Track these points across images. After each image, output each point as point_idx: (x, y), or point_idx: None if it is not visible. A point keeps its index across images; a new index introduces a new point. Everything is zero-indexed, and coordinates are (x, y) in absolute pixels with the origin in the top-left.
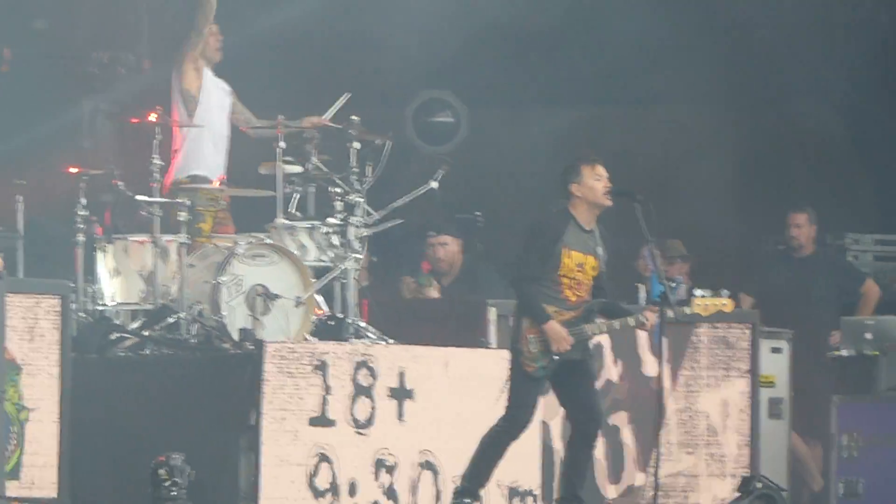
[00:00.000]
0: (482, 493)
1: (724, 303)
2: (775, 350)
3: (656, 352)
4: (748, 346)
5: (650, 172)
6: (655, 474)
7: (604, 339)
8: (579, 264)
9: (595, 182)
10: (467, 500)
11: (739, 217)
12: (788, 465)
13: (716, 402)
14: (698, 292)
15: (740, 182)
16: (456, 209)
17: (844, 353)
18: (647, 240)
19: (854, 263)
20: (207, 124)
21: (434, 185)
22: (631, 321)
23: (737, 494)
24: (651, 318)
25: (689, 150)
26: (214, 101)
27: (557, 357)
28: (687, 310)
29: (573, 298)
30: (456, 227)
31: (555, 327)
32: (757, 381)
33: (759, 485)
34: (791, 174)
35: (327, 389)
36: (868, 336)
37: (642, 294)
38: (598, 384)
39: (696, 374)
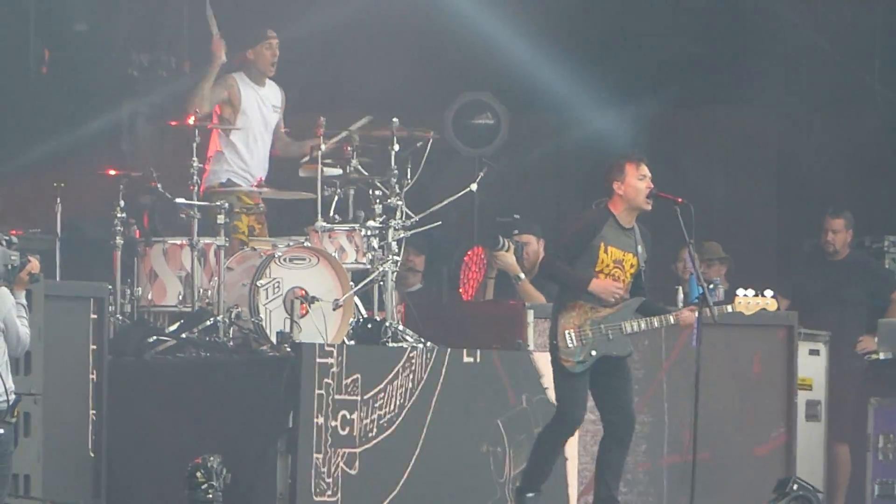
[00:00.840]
0: (543, 487)
1: (768, 302)
2: (813, 352)
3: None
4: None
5: (690, 174)
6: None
7: None
8: (617, 260)
9: (638, 182)
10: (530, 495)
11: (779, 219)
12: (825, 467)
13: None
14: (741, 291)
15: (780, 184)
16: (496, 212)
17: (882, 355)
18: (686, 242)
19: (887, 268)
20: (245, 131)
21: (474, 187)
22: (671, 318)
23: (773, 496)
24: (689, 317)
25: (729, 152)
26: (255, 113)
27: (595, 353)
28: (729, 308)
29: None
30: (539, 227)
31: (599, 282)
32: (794, 382)
33: (796, 486)
34: (830, 176)
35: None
36: None
37: (680, 296)
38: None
39: None
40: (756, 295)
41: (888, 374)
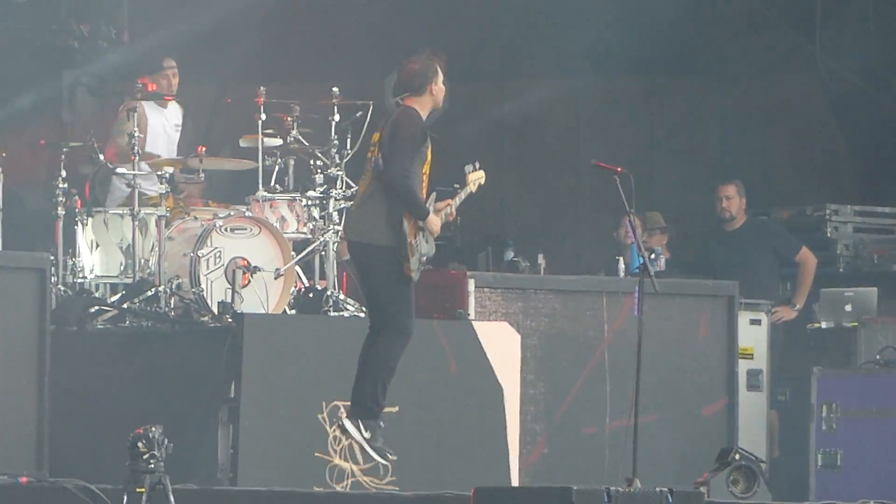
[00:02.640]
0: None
1: (482, 174)
2: (754, 322)
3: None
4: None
5: (632, 145)
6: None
7: None
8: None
9: (443, 85)
10: (375, 423)
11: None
12: (768, 436)
13: None
14: (468, 168)
15: (720, 153)
16: (435, 181)
17: (824, 325)
18: (627, 211)
19: (788, 232)
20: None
21: None
22: (462, 194)
23: (715, 465)
24: (451, 207)
25: (670, 123)
26: (160, 133)
27: (424, 259)
28: (464, 192)
29: (423, 196)
30: None
31: (435, 219)
32: (735, 352)
33: (738, 456)
34: (770, 145)
35: None
36: (847, 308)
37: (622, 265)
38: None
39: None
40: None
41: (830, 344)
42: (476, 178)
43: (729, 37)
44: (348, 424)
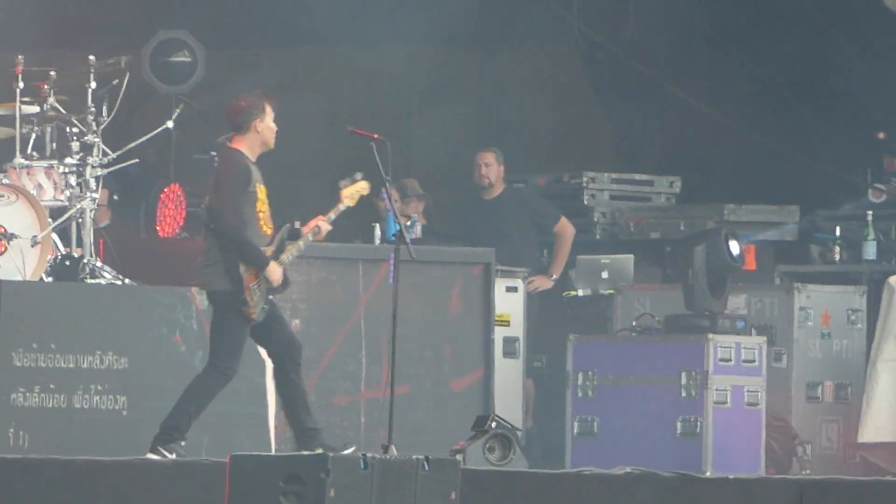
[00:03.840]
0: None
1: (363, 185)
2: (510, 289)
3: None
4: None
5: (388, 112)
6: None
7: None
8: (263, 197)
9: (273, 124)
10: (176, 444)
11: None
12: (524, 404)
13: None
14: (342, 183)
15: (478, 123)
16: (193, 150)
17: (580, 292)
18: (383, 179)
19: (546, 201)
20: None
21: (171, 125)
22: (310, 236)
23: (471, 433)
24: (323, 224)
25: (429, 90)
26: None
27: (271, 297)
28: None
29: (269, 232)
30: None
31: (275, 267)
32: (492, 319)
33: (494, 424)
34: (530, 115)
35: None
36: (604, 275)
37: (378, 232)
38: None
39: None
40: (352, 182)
41: (586, 311)
42: (353, 191)
43: (487, 5)
44: (151, 456)
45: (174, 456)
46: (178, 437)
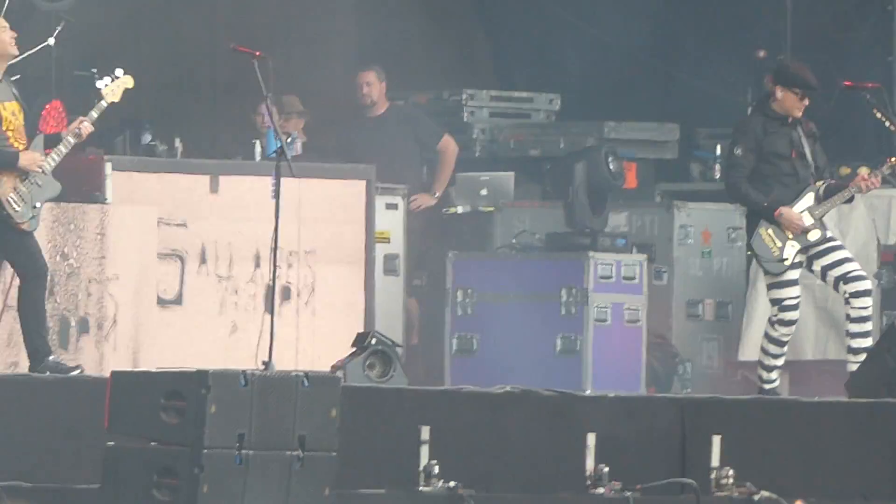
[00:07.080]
0: None
1: (126, 80)
2: (390, 206)
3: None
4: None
5: (269, 27)
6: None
7: None
8: (13, 112)
9: (3, 33)
10: (46, 362)
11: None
12: (404, 321)
13: None
14: (101, 82)
15: (359, 41)
16: (74, 66)
17: (460, 209)
18: (263, 95)
19: (431, 119)
20: None
21: (51, 42)
22: (70, 138)
23: (352, 350)
24: (84, 126)
25: (300, 8)
26: None
27: (38, 205)
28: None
29: (22, 147)
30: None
31: (27, 154)
32: (372, 236)
33: (374, 340)
34: (409, 31)
35: None
36: (483, 192)
37: (258, 149)
38: None
39: None
40: (114, 80)
41: (465, 228)
42: (114, 88)
43: None
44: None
45: (48, 374)
46: (42, 356)
